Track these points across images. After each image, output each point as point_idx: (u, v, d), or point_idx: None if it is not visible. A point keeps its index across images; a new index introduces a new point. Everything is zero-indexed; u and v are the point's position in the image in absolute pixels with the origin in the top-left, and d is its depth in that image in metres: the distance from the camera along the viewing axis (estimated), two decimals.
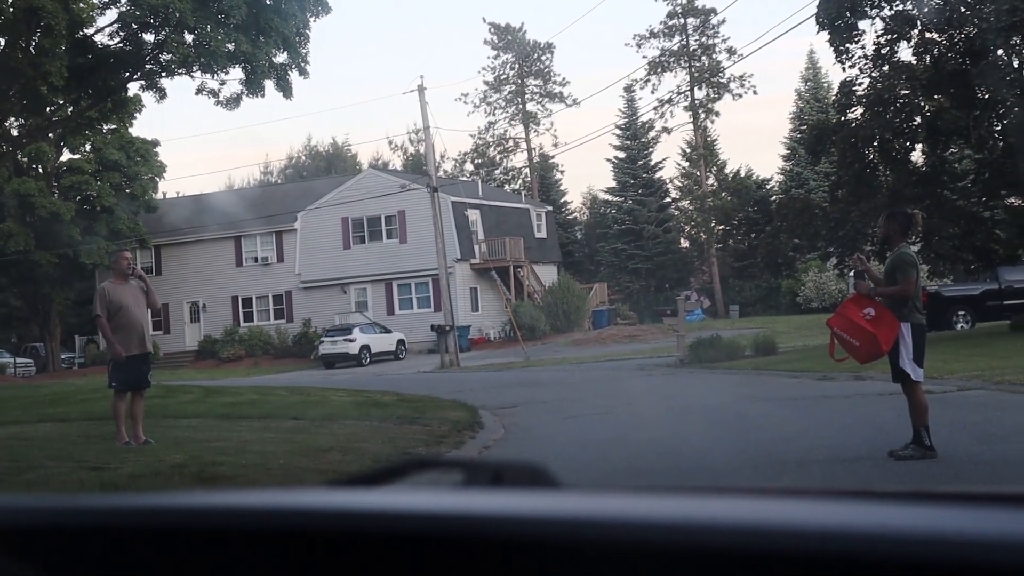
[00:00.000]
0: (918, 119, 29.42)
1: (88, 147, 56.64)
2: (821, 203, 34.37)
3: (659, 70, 74.13)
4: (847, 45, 30.59)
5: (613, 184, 76.59)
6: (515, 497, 1.26)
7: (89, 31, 34.53)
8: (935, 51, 29.06)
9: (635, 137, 74.88)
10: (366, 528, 1.18)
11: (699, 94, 74.28)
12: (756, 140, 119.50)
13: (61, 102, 37.02)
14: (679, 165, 76.47)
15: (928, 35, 29.53)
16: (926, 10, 29.19)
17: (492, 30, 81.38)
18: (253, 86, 33.92)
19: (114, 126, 51.72)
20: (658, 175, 76.03)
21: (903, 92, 28.92)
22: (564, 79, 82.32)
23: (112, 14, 34.30)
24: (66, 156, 58.28)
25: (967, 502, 1.11)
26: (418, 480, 1.40)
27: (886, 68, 29.80)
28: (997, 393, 14.96)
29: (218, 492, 1.45)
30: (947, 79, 28.28)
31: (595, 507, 1.15)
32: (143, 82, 35.38)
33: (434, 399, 20.27)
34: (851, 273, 11.21)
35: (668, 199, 76.11)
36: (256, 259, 59.82)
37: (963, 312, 32.95)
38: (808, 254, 49.12)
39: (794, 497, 1.19)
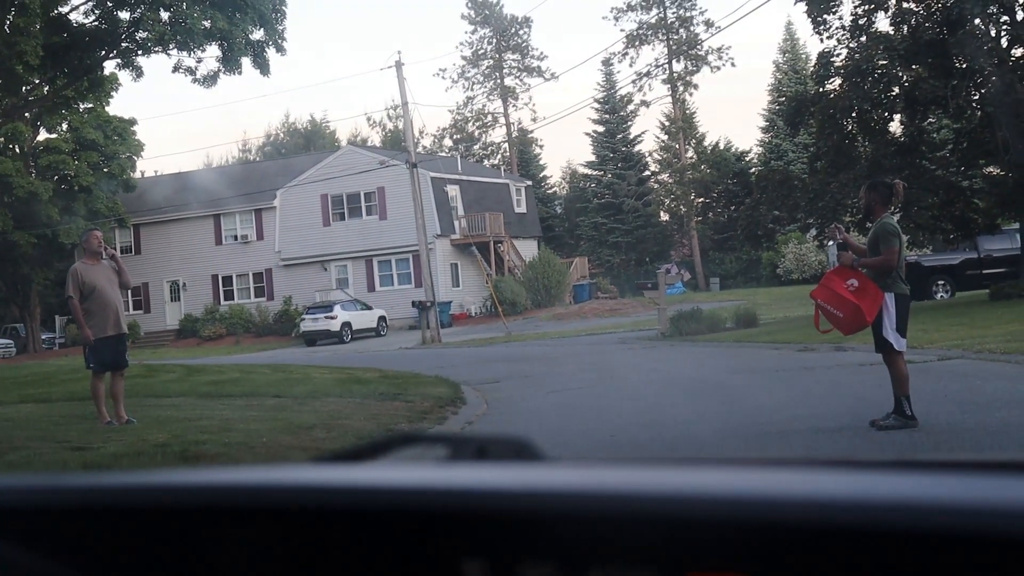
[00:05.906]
0: (896, 89, 29.47)
1: (65, 126, 56.37)
2: (800, 175, 34.42)
3: (637, 43, 74.16)
4: (824, 16, 30.61)
5: (592, 158, 76.51)
6: (500, 470, 1.27)
7: (64, 9, 34.23)
8: (912, 21, 29.07)
9: (614, 111, 74.74)
10: (352, 504, 1.18)
11: (677, 67, 74.35)
12: (735, 112, 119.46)
13: (37, 81, 36.72)
14: (658, 138, 76.55)
15: (905, 4, 29.56)
16: None
17: (469, 4, 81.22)
18: (230, 63, 33.69)
19: (90, 105, 51.45)
20: (637, 148, 75.94)
21: (881, 62, 28.96)
22: (542, 53, 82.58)
23: None
24: (43, 136, 57.98)
25: (949, 469, 1.11)
26: (403, 455, 1.40)
27: (864, 38, 29.81)
28: (978, 362, 15.02)
29: (203, 470, 1.45)
30: (925, 49, 28.31)
31: (579, 479, 1.16)
32: (119, 60, 35.09)
33: (416, 375, 20.27)
34: (830, 243, 11.23)
35: (647, 172, 76.01)
36: (236, 237, 59.64)
37: (943, 281, 33.11)
38: (788, 226, 49.17)
39: (776, 467, 1.19)
